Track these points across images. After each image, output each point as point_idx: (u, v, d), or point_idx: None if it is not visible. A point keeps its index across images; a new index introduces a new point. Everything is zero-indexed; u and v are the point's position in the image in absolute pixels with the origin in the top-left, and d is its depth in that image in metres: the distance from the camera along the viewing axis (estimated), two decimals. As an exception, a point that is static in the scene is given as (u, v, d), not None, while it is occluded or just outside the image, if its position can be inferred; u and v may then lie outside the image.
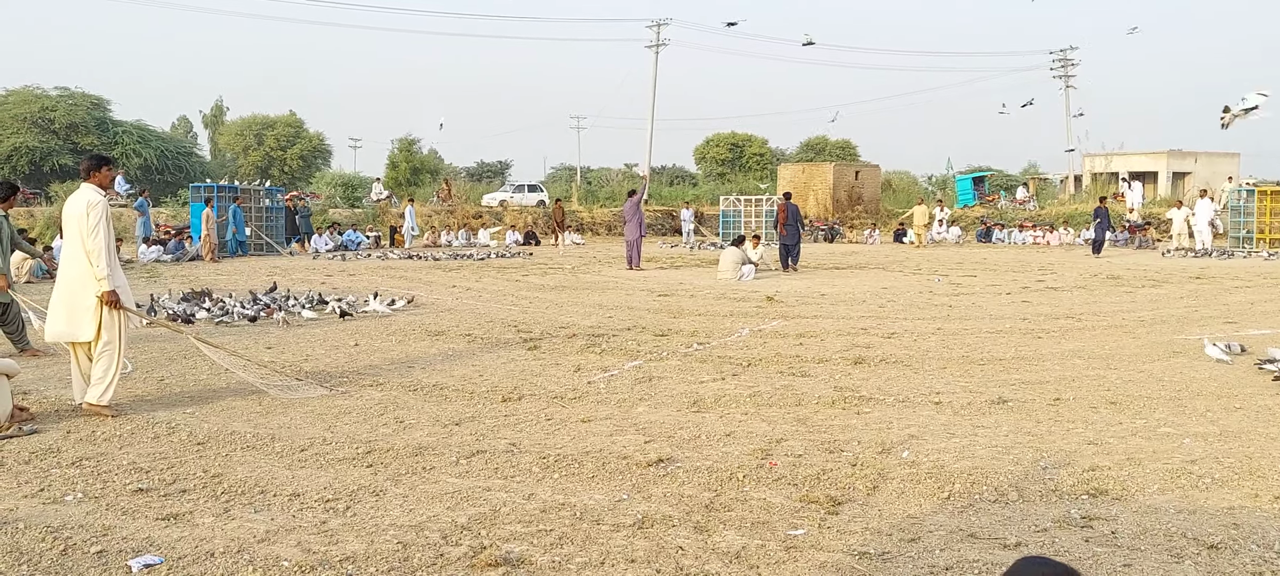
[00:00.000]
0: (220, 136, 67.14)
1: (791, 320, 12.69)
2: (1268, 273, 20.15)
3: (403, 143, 52.21)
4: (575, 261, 24.61)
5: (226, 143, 65.85)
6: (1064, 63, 54.99)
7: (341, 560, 4.32)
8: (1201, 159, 51.88)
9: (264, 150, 63.41)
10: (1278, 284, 17.40)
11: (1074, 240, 34.01)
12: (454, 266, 23.11)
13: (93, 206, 6.90)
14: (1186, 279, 18.81)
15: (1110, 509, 5.00)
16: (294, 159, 63.41)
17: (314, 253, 27.57)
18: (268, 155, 63.43)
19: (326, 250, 28.00)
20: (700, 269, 22.27)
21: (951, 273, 20.86)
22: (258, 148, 63.51)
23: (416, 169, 51.28)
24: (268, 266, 22.43)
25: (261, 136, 64.04)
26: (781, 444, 6.33)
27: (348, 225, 32.71)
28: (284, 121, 65.30)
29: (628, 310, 13.81)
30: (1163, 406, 7.38)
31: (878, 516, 4.96)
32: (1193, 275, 19.64)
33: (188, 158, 54.25)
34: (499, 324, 12.26)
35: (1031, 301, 14.95)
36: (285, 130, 64.57)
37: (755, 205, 33.73)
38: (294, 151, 63.79)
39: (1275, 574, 4.08)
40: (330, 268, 22.59)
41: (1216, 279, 18.71)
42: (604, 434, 6.62)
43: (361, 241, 30.56)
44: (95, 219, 6.87)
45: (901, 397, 7.76)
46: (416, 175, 50.51)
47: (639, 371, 8.94)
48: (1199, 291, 16.31)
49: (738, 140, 67.76)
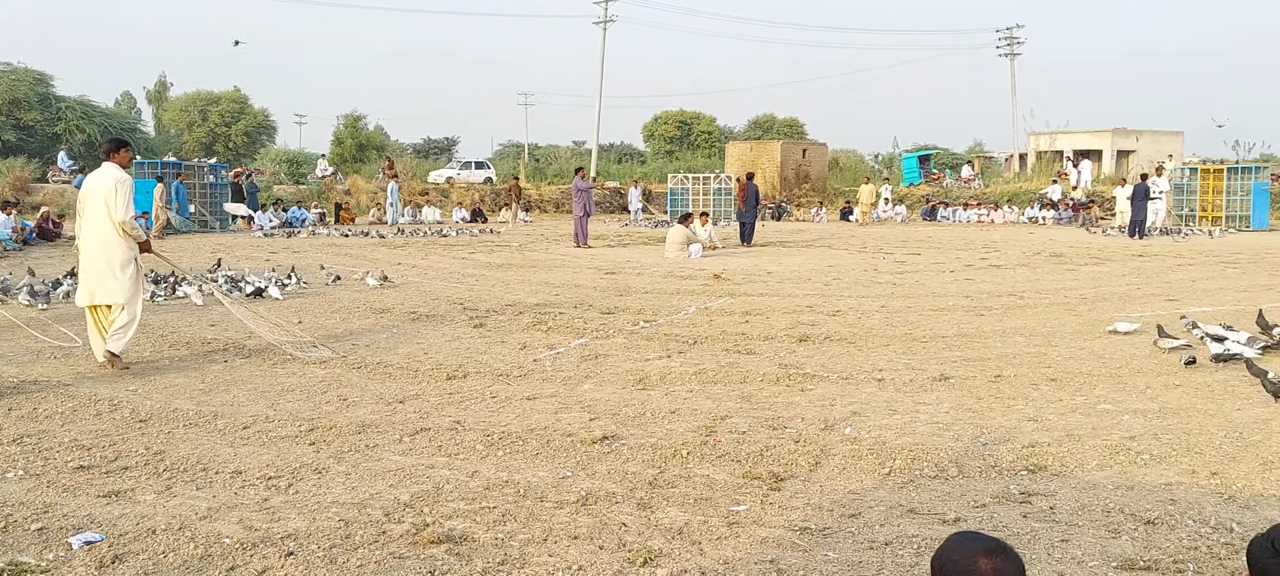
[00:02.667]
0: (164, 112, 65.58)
1: (738, 298, 12.73)
2: (1209, 250, 20.63)
3: (348, 119, 51.49)
4: (522, 239, 24.47)
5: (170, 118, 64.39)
6: (1010, 41, 55.68)
7: (283, 537, 4.25)
8: (1145, 137, 52.90)
9: (208, 126, 62.16)
10: (1218, 262, 17.83)
11: (1018, 218, 34.55)
12: (400, 244, 22.85)
13: (121, 183, 7.82)
14: (1129, 257, 19.20)
15: (1049, 484, 5.08)
16: (238, 135, 62.25)
17: (258, 230, 27.08)
18: (212, 131, 62.19)
19: (271, 227, 27.52)
20: (647, 247, 22.27)
21: (896, 251, 21.08)
22: (202, 123, 62.24)
23: (362, 145, 50.60)
24: (211, 244, 22.00)
25: (206, 112, 62.75)
26: (726, 421, 6.34)
27: (292, 202, 32.17)
28: (228, 97, 64.02)
29: (574, 288, 13.77)
30: (1103, 383, 7.52)
31: (820, 492, 4.99)
32: (1135, 253, 20.06)
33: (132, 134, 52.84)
34: (444, 301, 12.14)
35: (975, 279, 15.16)
36: (230, 106, 63.32)
37: (704, 183, 33.77)
38: (239, 127, 62.60)
39: (1210, 548, 4.17)
40: (274, 245, 22.21)
41: (1159, 257, 19.12)
42: (549, 411, 6.58)
43: (306, 218, 30.08)
44: (124, 193, 7.80)
45: (845, 375, 7.82)
46: (362, 152, 49.84)
47: (585, 349, 8.91)
48: (1141, 269, 16.65)
49: (686, 118, 67.78)
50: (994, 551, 2.13)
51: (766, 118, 69.31)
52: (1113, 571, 3.96)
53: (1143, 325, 9.67)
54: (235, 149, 60.29)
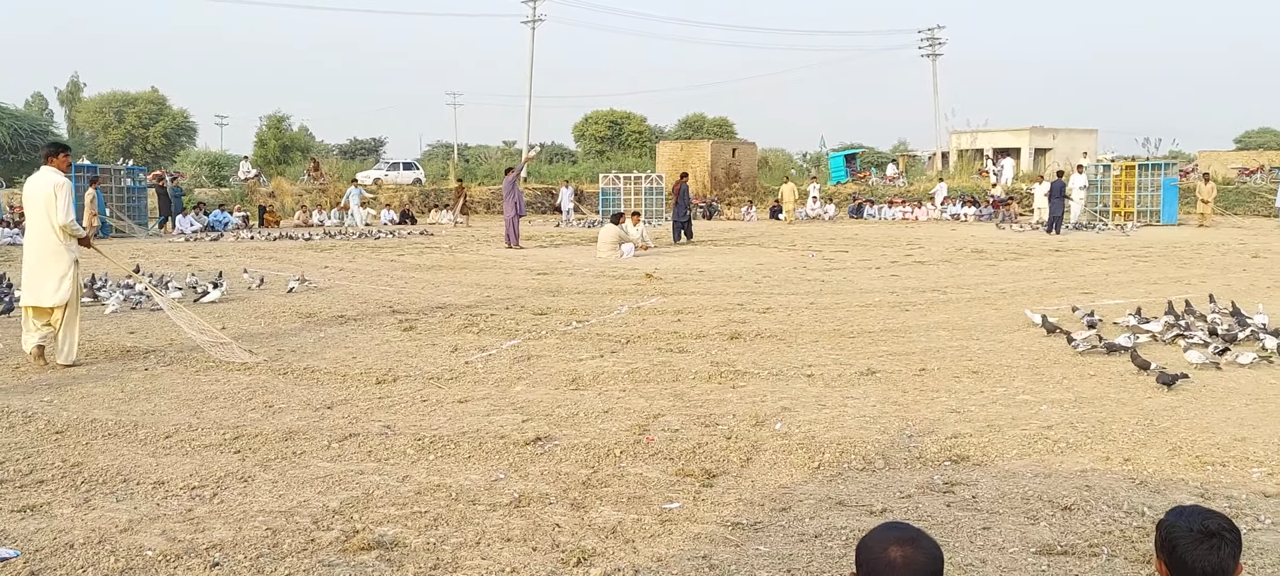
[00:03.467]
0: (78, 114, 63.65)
1: (670, 297, 12.81)
2: (1122, 245, 21.30)
3: (272, 120, 50.46)
4: (453, 241, 24.27)
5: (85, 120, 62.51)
6: (932, 41, 56.78)
7: (208, 548, 4.18)
8: (1061, 135, 54.39)
9: (125, 128, 60.48)
10: (1130, 255, 18.42)
11: (941, 215, 35.24)
12: (327, 246, 22.50)
13: (60, 187, 8.06)
14: (1046, 252, 19.73)
15: (971, 474, 5.22)
16: (157, 137, 60.70)
17: (180, 234, 26.40)
18: (129, 133, 60.53)
19: (192, 231, 26.85)
20: (579, 247, 22.26)
21: (825, 248, 21.38)
22: (118, 125, 60.54)
23: (286, 147, 49.64)
24: (130, 249, 21.40)
25: (122, 113, 61.05)
26: (659, 419, 6.39)
27: (214, 205, 31.44)
28: (146, 98, 62.39)
29: (506, 289, 13.71)
30: (1021, 375, 7.73)
31: (751, 487, 5.06)
32: (1052, 248, 20.62)
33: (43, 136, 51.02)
34: (373, 304, 12.00)
35: (900, 276, 15.45)
36: (147, 107, 61.71)
37: (635, 183, 33.85)
38: (157, 129, 61.04)
39: (1124, 532, 4.33)
40: (196, 249, 21.70)
41: (1074, 252, 19.68)
42: (481, 414, 6.56)
43: (229, 221, 29.43)
44: (64, 197, 8.04)
45: (775, 371, 7.92)
46: (286, 153, 48.89)
47: (517, 350, 8.89)
48: (1058, 264, 17.13)
49: (617, 118, 67.85)
50: (904, 541, 2.19)
51: (696, 117, 69.70)
52: (1031, 557, 4.09)
53: (1057, 318, 9.94)
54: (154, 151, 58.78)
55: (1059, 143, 53.33)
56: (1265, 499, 4.73)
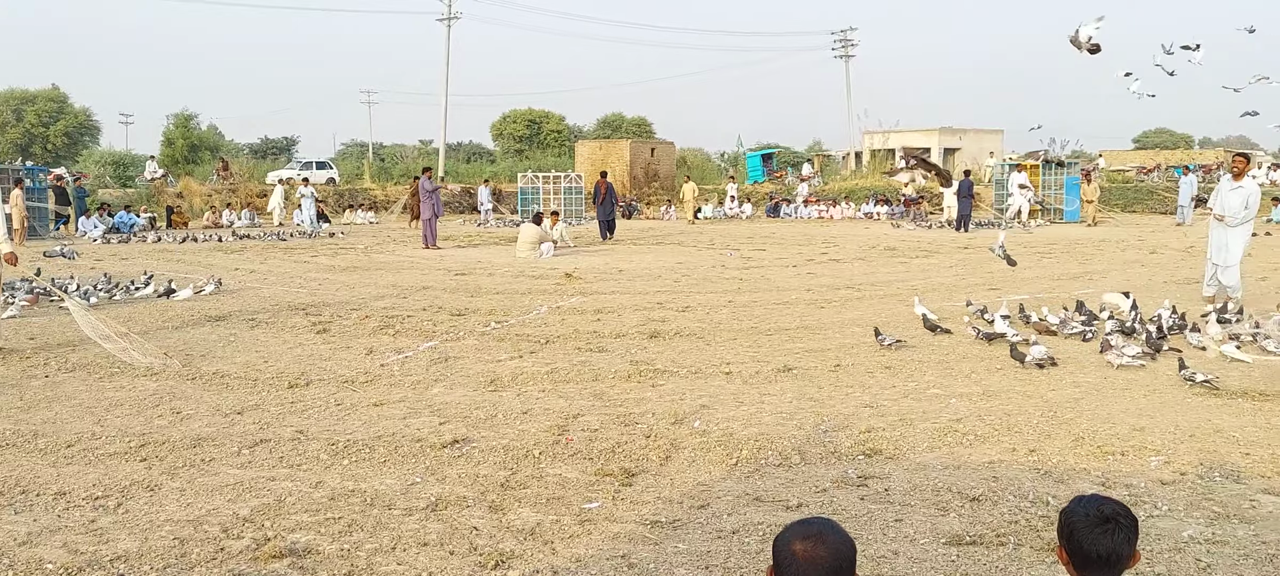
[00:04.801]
0: (-28, 113, 61.06)
1: (589, 296, 12.80)
2: (1026, 242, 21.93)
3: (179, 118, 49.03)
4: (368, 242, 23.87)
5: (-20, 119, 59.98)
6: (845, 43, 57.75)
7: (113, 559, 4.05)
8: (969, 135, 55.81)
9: (24, 127, 58.15)
10: (1035, 252, 18.97)
11: (855, 214, 35.87)
12: (237, 248, 21.94)
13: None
14: (955, 249, 20.23)
15: (884, 467, 5.32)
16: (58, 136, 58.48)
17: (82, 235, 25.45)
18: (28, 132, 58.21)
19: (96, 233, 25.90)
20: (498, 247, 22.10)
21: (743, 247, 21.59)
22: (16, 124, 58.17)
23: (194, 146, 48.28)
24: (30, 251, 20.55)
25: (20, 112, 58.69)
26: (578, 419, 6.38)
27: (119, 206, 30.39)
28: (46, 96, 60.08)
29: (423, 290, 13.54)
30: (932, 370, 7.92)
31: (670, 485, 5.08)
32: (961, 245, 21.15)
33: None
34: (286, 307, 11.73)
35: (816, 273, 15.68)
36: (47, 105, 59.44)
37: (554, 182, 33.75)
38: (58, 128, 58.83)
39: (1030, 522, 4.46)
40: (101, 252, 20.96)
41: (982, 249, 20.19)
42: (397, 417, 6.47)
43: (135, 223, 28.47)
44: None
45: (694, 369, 7.97)
46: (195, 152, 47.55)
47: (434, 352, 8.78)
48: (967, 260, 17.57)
49: (535, 116, 67.54)
50: (809, 536, 2.25)
51: (615, 117, 69.77)
52: (942, 548, 4.19)
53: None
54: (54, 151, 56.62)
55: (967, 142, 54.71)
56: (1162, 486, 4.92)
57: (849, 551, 2.27)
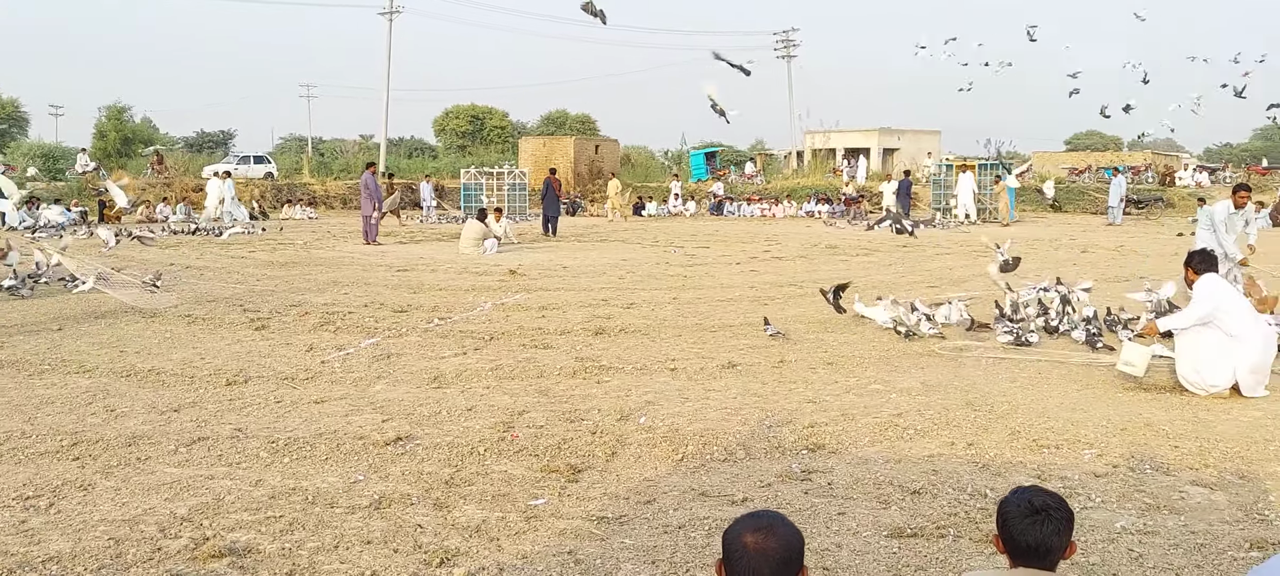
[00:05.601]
0: (-106, 104, 58.97)
1: (534, 293, 12.75)
2: (963, 241, 22.33)
3: (112, 110, 47.75)
4: (307, 237, 23.51)
5: (-97, 111, 57.98)
6: (787, 44, 58.22)
7: (45, 561, 3.95)
8: (907, 136, 56.62)
9: (-53, 118, 56.40)
10: (970, 252, 19.32)
11: (797, 212, 36.19)
12: (172, 243, 21.47)
13: None
14: (896, 247, 20.52)
15: (827, 462, 5.39)
16: (-17, 127, 56.79)
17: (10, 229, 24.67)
18: (-49, 124, 56.45)
19: (25, 227, 25.13)
20: (441, 243, 21.92)
21: (687, 244, 21.68)
22: (-61, 116, 56.40)
23: (128, 139, 47.06)
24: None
25: (-57, 103, 56.90)
26: (523, 416, 6.36)
27: (49, 200, 29.55)
28: (-30, 86, 58.26)
29: (365, 286, 13.37)
30: (873, 365, 8.03)
31: (616, 481, 5.09)
32: (900, 244, 21.46)
33: None
34: (223, 303, 11.51)
35: (759, 271, 15.80)
36: (-29, 96, 57.66)
37: (498, 178, 33.55)
38: (-16, 119, 57.12)
39: (968, 514, 4.55)
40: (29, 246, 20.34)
41: (920, 247, 20.53)
42: (339, 414, 6.39)
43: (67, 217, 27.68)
44: None
45: (640, 365, 7.99)
46: (128, 146, 46.36)
47: (376, 349, 8.69)
48: (906, 258, 17.84)
49: (478, 112, 67.06)
50: (759, 529, 2.28)
51: (559, 113, 69.54)
52: (884, 540, 4.25)
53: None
54: (-21, 142, 54.91)
55: (905, 143, 55.48)
56: (1095, 479, 5.05)
57: (798, 543, 2.31)
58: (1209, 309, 6.85)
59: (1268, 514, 4.52)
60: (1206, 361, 6.79)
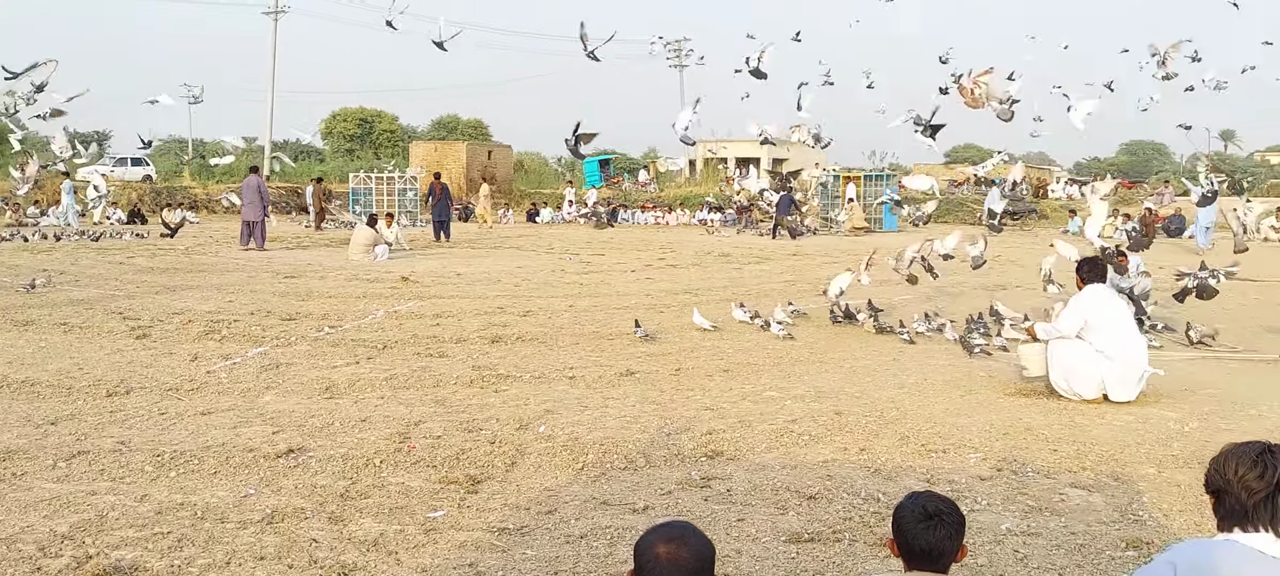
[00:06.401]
0: None
1: (428, 300, 12.59)
2: (848, 249, 22.94)
3: (-30, 106, 45.14)
4: (189, 242, 22.69)
5: None
6: (679, 53, 58.76)
7: (-94, 589, 3.72)
8: (794, 147, 57.71)
9: None
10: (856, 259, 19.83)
11: (690, 221, 36.60)
12: (45, 248, 20.45)
13: None
14: (786, 256, 20.95)
15: (726, 468, 5.48)
16: None
17: None
18: None
19: None
20: (329, 249, 21.43)
21: (582, 252, 21.70)
22: None
23: (-2, 137, 44.60)
24: None
25: None
26: (420, 426, 6.27)
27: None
28: None
29: (251, 293, 12.98)
30: (768, 372, 8.19)
31: (516, 491, 5.07)
32: (790, 252, 21.91)
33: None
34: (101, 311, 11.02)
35: (654, 278, 15.93)
36: None
37: (388, 183, 32.98)
38: None
39: (863, 518, 4.68)
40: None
41: (810, 255, 21.01)
42: (227, 426, 6.19)
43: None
44: None
45: (538, 374, 7.97)
46: (-3, 144, 43.92)
47: (265, 358, 8.45)
48: (796, 266, 18.24)
49: (367, 115, 65.76)
50: (672, 539, 2.32)
51: (450, 118, 68.72)
52: (782, 545, 4.35)
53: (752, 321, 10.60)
54: None
55: (794, 154, 56.63)
56: (981, 482, 5.26)
57: (709, 553, 2.35)
58: (1078, 323, 7.13)
59: (1141, 514, 4.78)
60: (1075, 371, 7.10)
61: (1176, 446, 5.96)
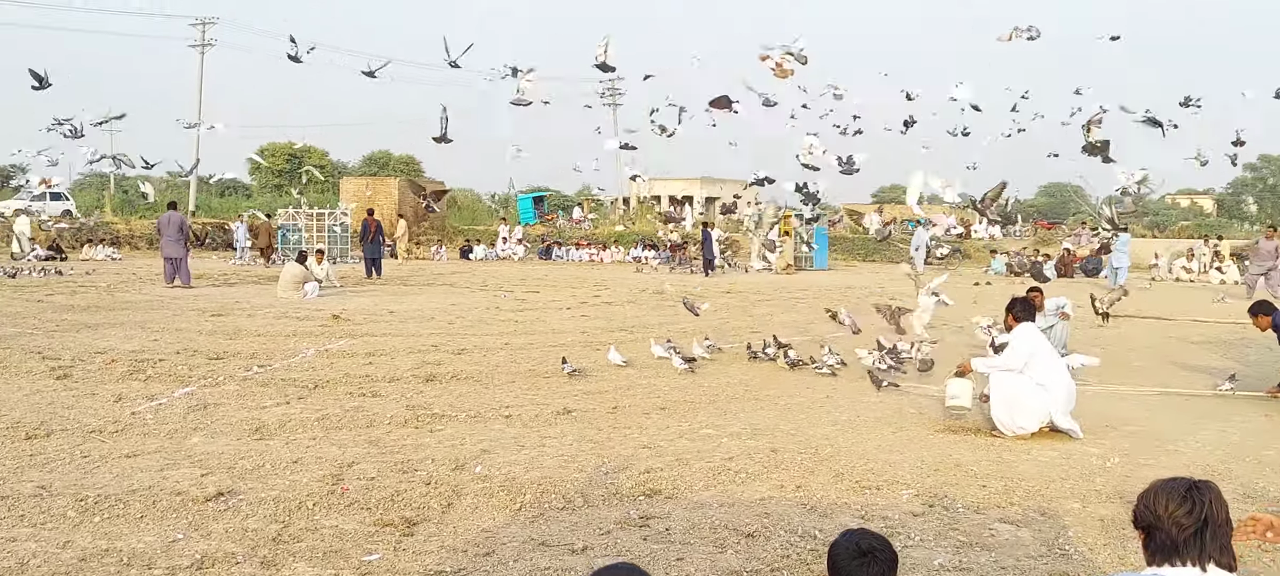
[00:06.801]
0: None
1: (360, 338, 12.42)
2: (781, 286, 23.22)
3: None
4: (111, 279, 22.09)
5: None
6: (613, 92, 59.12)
7: None
8: (728, 184, 58.48)
9: None
10: (789, 297, 20.11)
11: (624, 258, 36.71)
12: (-47, 283, 19.73)
13: None
14: (720, 293, 21.10)
15: (664, 507, 5.49)
16: None
17: None
18: None
19: None
20: (258, 286, 21.04)
21: (516, 289, 21.62)
22: None
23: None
24: None
25: None
26: (353, 467, 6.18)
27: None
28: None
29: (176, 332, 12.68)
30: (704, 410, 8.24)
31: (453, 533, 5.03)
32: (724, 290, 22.08)
33: None
34: (18, 350, 10.66)
35: (589, 315, 15.93)
36: None
37: (319, 219, 32.53)
38: None
39: (800, 556, 4.73)
40: None
41: (743, 293, 21.20)
42: (153, 469, 6.03)
43: None
44: None
45: (473, 413, 7.91)
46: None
47: (192, 398, 8.26)
48: (729, 304, 18.37)
49: (296, 151, 64.87)
50: None
51: (382, 154, 68.12)
52: (722, 583, 4.37)
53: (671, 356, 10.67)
54: None
55: (726, 191, 57.31)
56: (914, 518, 5.36)
57: None
58: (1025, 357, 7.42)
59: (1067, 548, 4.92)
60: (1019, 404, 7.34)
61: (1099, 481, 6.14)
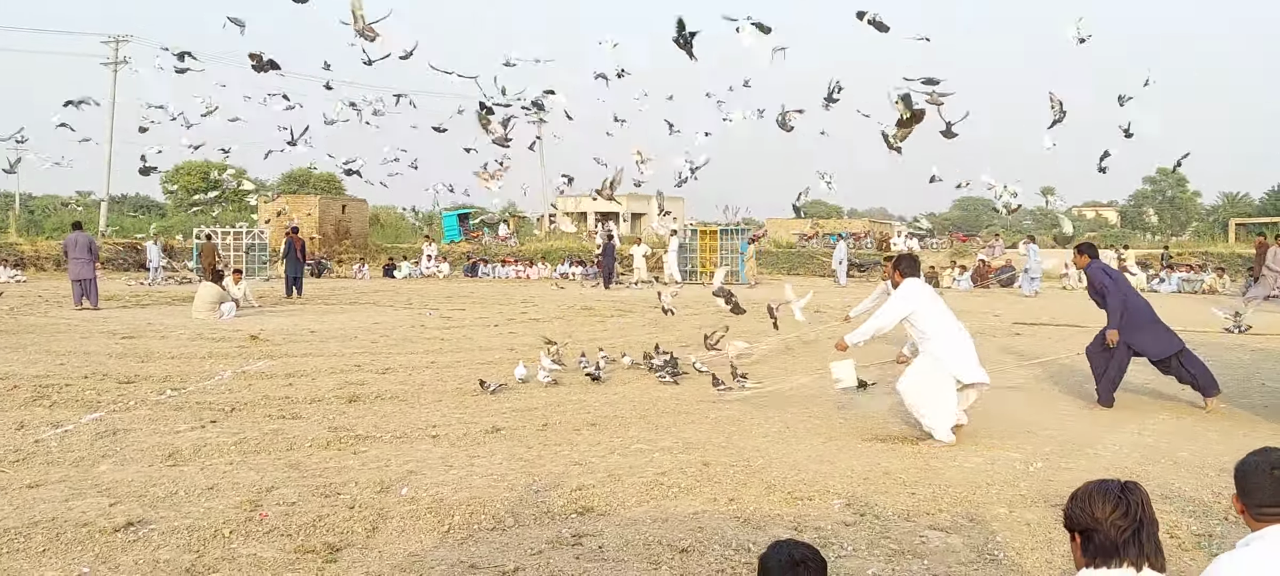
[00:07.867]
0: None
1: (279, 359, 12.07)
2: (709, 301, 23.26)
3: None
4: (15, 301, 21.18)
5: None
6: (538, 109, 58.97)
7: None
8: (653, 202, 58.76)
9: None
10: (719, 313, 20.14)
11: (551, 275, 36.53)
12: None
13: None
14: (649, 308, 21.07)
15: (597, 524, 5.38)
16: None
17: None
18: None
19: None
20: (171, 307, 20.38)
21: (442, 306, 21.30)
22: None
23: None
24: None
25: None
26: (273, 492, 5.95)
27: None
28: None
29: (83, 355, 12.16)
30: (635, 425, 8.15)
31: (378, 558, 4.85)
32: (653, 305, 22.05)
33: None
34: (-90, 378, 10.11)
35: (517, 332, 15.74)
36: None
37: (236, 238, 31.74)
38: None
39: (734, 569, 4.67)
40: None
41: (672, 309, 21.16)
42: (58, 499, 5.72)
43: None
44: None
45: (399, 433, 7.71)
46: None
47: (100, 424, 7.90)
48: (659, 320, 18.33)
49: (212, 168, 63.30)
50: None
51: (302, 172, 66.76)
52: (657, 600, 4.28)
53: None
54: None
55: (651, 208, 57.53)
56: (846, 528, 5.33)
57: None
58: (901, 315, 7.55)
59: (997, 554, 4.94)
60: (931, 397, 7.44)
61: (1024, 486, 6.20)
